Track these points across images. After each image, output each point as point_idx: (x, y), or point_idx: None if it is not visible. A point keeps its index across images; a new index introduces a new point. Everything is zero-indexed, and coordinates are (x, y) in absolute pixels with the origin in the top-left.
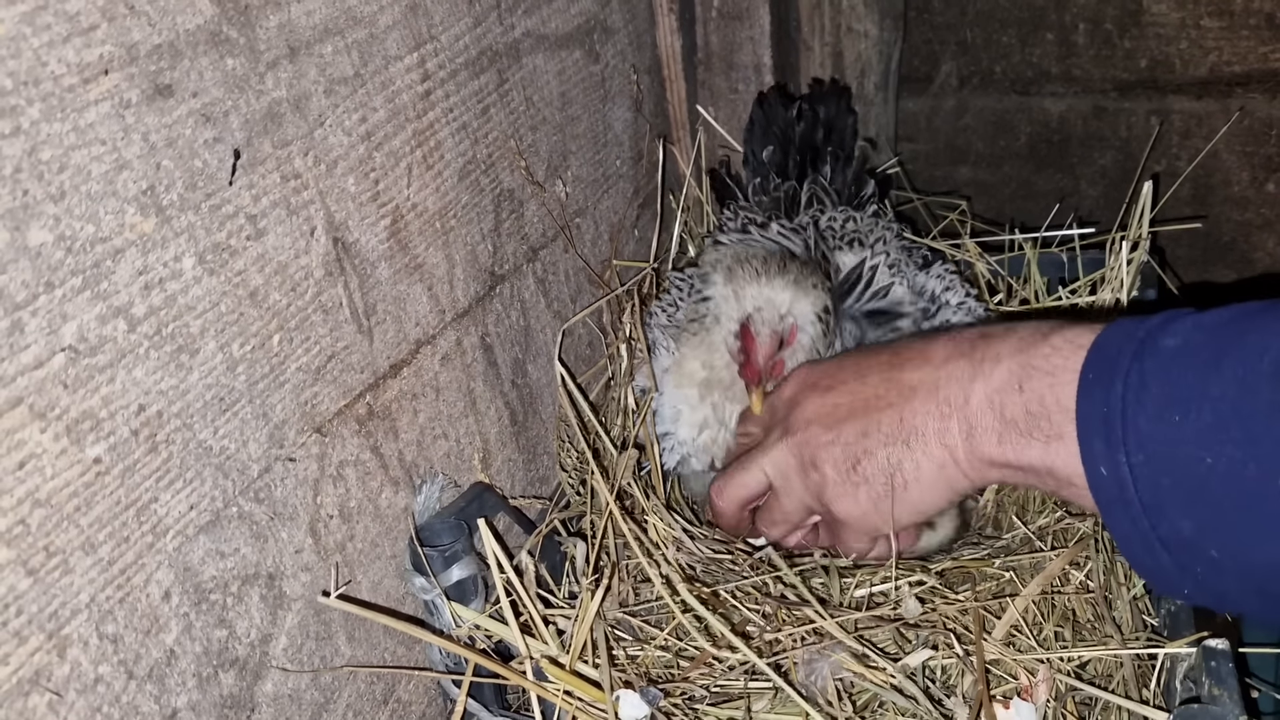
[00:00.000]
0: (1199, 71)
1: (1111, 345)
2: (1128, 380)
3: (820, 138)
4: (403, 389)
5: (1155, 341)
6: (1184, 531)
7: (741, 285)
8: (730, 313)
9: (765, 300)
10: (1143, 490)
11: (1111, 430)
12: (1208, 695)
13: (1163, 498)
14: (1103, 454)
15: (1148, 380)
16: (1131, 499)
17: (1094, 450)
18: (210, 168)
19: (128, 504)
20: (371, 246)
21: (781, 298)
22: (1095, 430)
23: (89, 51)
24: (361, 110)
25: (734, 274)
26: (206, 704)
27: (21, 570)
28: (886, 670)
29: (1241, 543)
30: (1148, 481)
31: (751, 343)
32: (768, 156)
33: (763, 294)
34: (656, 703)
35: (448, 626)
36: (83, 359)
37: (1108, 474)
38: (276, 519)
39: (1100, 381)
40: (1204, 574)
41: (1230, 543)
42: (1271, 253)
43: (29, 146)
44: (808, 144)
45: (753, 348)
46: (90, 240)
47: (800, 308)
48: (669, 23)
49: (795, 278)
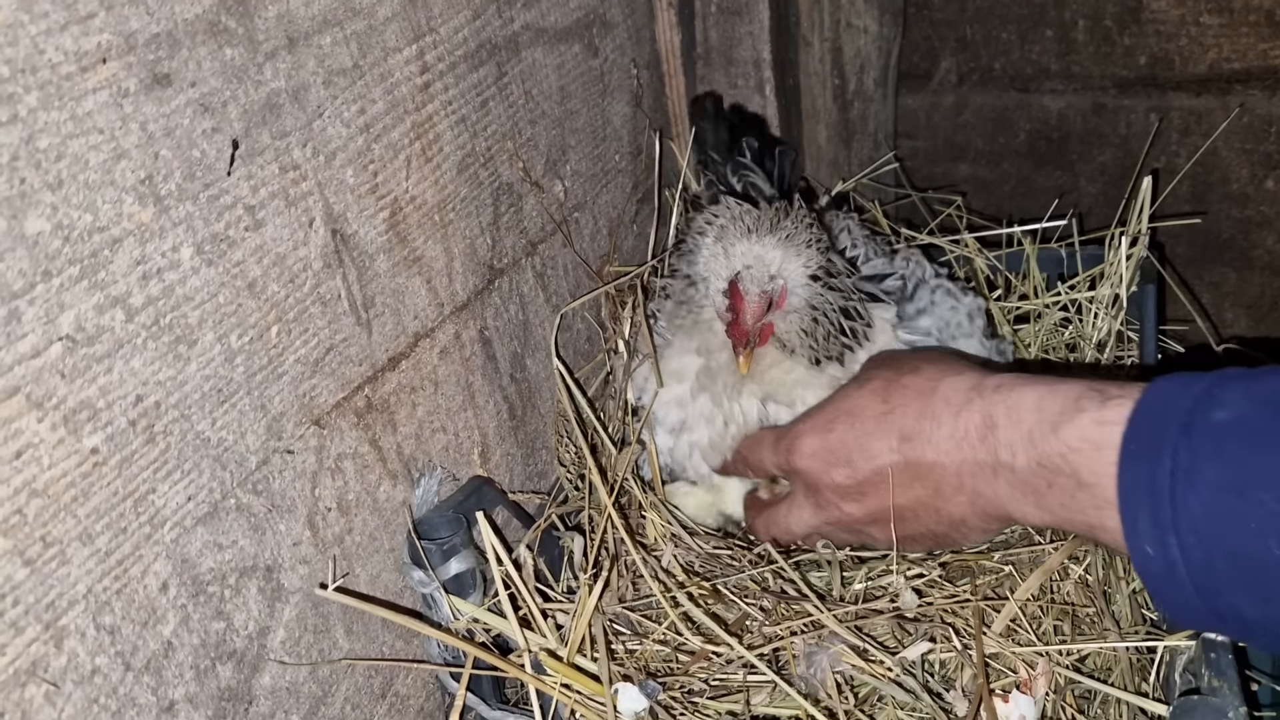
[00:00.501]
0: (1198, 68)
1: (1155, 412)
2: (1176, 457)
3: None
4: (401, 382)
5: (1205, 414)
6: (1244, 612)
7: (731, 242)
8: (719, 270)
9: (755, 258)
10: (1195, 572)
11: (1159, 509)
12: (1207, 687)
13: (1218, 581)
14: (1148, 533)
15: (1198, 460)
16: (1183, 580)
17: (1139, 528)
18: (209, 158)
19: (125, 495)
20: (370, 239)
21: (772, 256)
22: (1140, 506)
23: (87, 40)
24: (360, 102)
25: (725, 232)
26: (204, 696)
27: (18, 560)
28: (885, 663)
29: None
30: (1201, 564)
31: (740, 301)
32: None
33: (752, 251)
34: (655, 696)
35: (446, 620)
36: (80, 348)
37: (1154, 554)
38: (275, 511)
39: (1143, 455)
40: (1265, 642)
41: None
42: (1270, 250)
43: (26, 134)
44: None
45: (741, 306)
46: (88, 229)
47: (791, 268)
48: (668, 17)
49: (788, 235)
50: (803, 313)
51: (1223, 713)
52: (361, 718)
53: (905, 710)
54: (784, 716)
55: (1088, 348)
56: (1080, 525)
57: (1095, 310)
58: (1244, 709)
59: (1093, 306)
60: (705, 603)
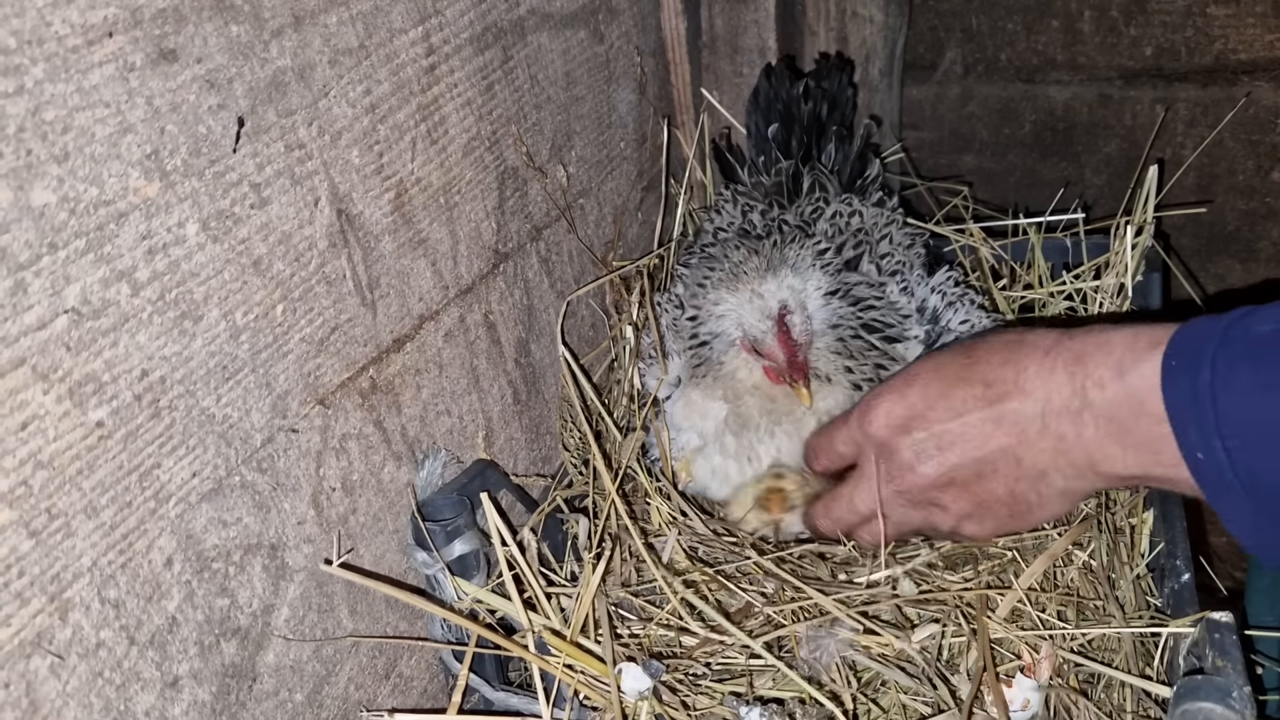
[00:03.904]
0: (1205, 59)
1: (1195, 331)
2: (1215, 366)
3: (825, 114)
4: (406, 364)
5: (1243, 327)
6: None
7: (758, 283)
8: (756, 313)
9: (788, 290)
10: (1241, 472)
11: (1204, 416)
12: (1211, 667)
13: (1264, 478)
14: (1198, 440)
15: (1236, 366)
16: (1231, 482)
17: (1189, 438)
18: (214, 134)
19: (130, 469)
20: (375, 219)
21: (796, 284)
22: (1188, 416)
23: (93, 13)
24: (366, 82)
25: (740, 279)
26: (208, 672)
27: (24, 531)
28: (890, 646)
29: None
30: (1246, 466)
31: (790, 334)
32: (772, 133)
33: (783, 285)
34: (659, 675)
35: (450, 601)
36: (86, 321)
37: (1205, 459)
38: (279, 489)
39: (1184, 369)
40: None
41: None
42: (1276, 242)
43: (33, 106)
44: (813, 120)
45: (794, 337)
46: (94, 202)
47: (810, 294)
48: (674, 5)
49: (794, 263)
50: (827, 336)
51: (1226, 692)
52: (365, 697)
53: (909, 694)
54: (788, 698)
55: None
56: (1161, 472)
57: (1100, 300)
58: (1248, 689)
59: (1098, 296)
60: (708, 588)
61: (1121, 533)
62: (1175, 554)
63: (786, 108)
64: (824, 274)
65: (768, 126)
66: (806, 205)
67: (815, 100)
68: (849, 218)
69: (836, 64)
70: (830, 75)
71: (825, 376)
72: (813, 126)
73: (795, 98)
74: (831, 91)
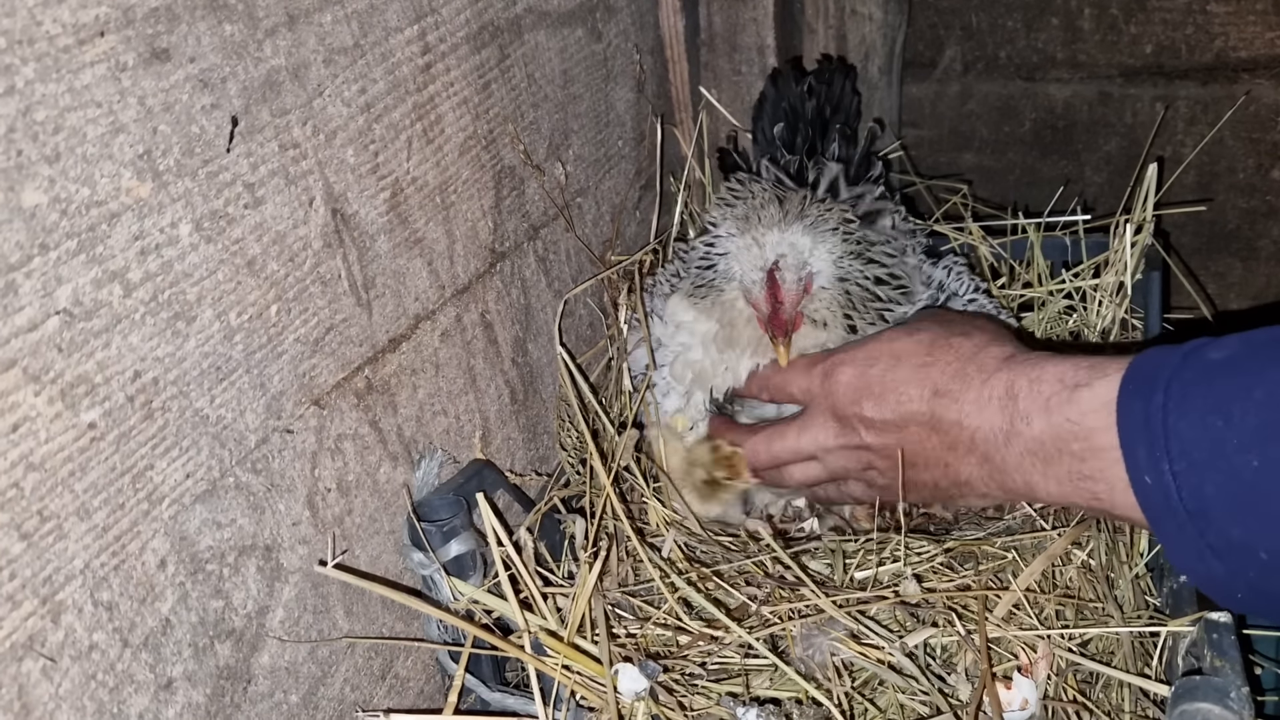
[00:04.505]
0: (1205, 57)
1: (1153, 357)
2: (1169, 389)
3: (829, 113)
4: (402, 364)
5: (1200, 353)
6: (1233, 537)
7: (761, 233)
8: (752, 261)
9: (789, 246)
10: (1187, 497)
11: (1154, 438)
12: (1209, 667)
13: (1207, 505)
14: (1146, 463)
15: (1190, 389)
16: (1176, 507)
17: (1138, 460)
18: (208, 134)
19: (123, 470)
20: (371, 219)
21: (802, 243)
22: (1138, 438)
23: (85, 12)
24: (361, 81)
25: (750, 222)
26: (203, 674)
27: (15, 534)
28: (884, 649)
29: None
30: (1192, 489)
31: (778, 290)
32: (777, 133)
33: (785, 240)
34: (655, 676)
35: (446, 602)
36: (78, 322)
37: (1152, 483)
38: (274, 490)
39: (1139, 392)
40: (1256, 578)
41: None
42: (1276, 240)
43: (23, 106)
44: (816, 116)
45: (780, 297)
46: (86, 203)
47: (818, 255)
48: (672, 3)
49: (813, 221)
50: (833, 289)
51: (1224, 692)
52: (361, 699)
53: (906, 694)
54: (784, 698)
55: (1092, 335)
56: (1085, 496)
57: (1100, 298)
58: (1246, 689)
59: (1097, 294)
60: (705, 588)
61: (1120, 532)
62: None
63: (792, 108)
64: (838, 238)
65: (773, 128)
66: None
67: (819, 97)
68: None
69: (840, 66)
70: (833, 79)
71: (822, 322)
72: (816, 123)
73: (800, 96)
74: (835, 93)
